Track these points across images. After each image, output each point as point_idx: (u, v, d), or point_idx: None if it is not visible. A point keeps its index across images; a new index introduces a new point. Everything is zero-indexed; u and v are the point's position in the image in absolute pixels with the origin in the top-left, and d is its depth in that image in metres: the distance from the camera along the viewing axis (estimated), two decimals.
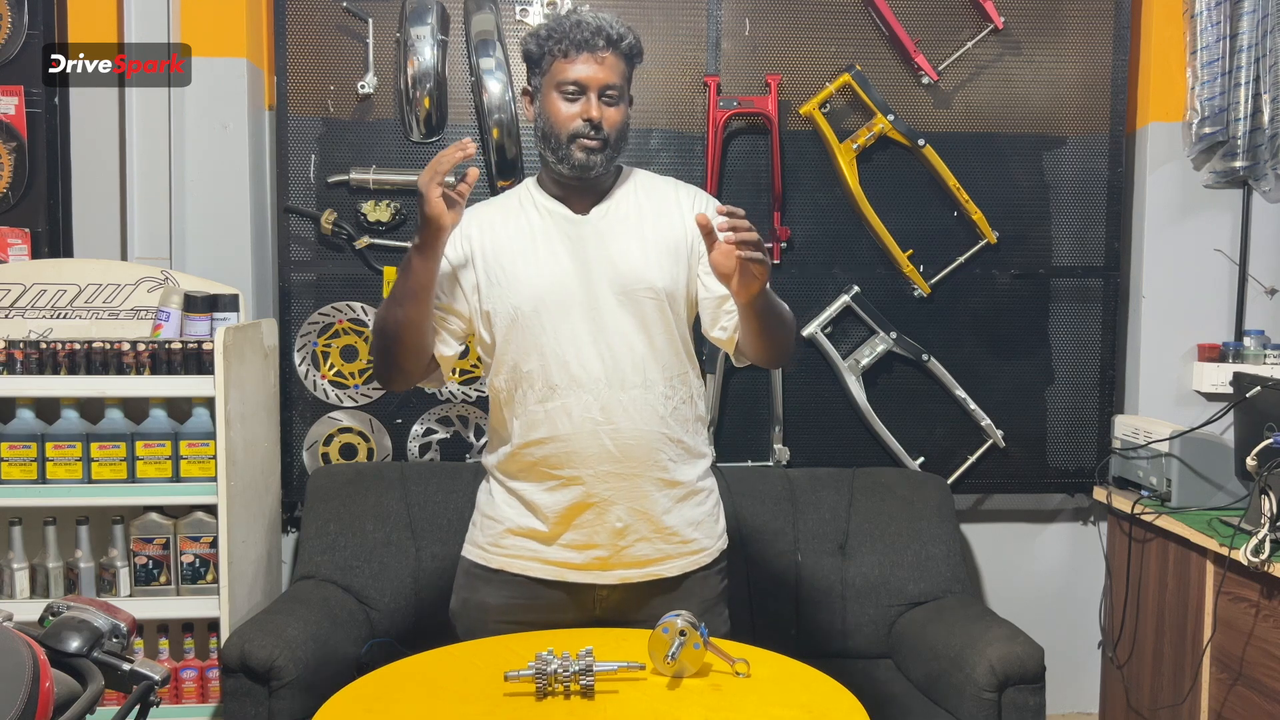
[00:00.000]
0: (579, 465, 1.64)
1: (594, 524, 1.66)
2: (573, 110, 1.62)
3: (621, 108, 1.66)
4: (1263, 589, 2.08)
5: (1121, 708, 2.66)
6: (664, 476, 1.67)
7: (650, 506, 1.66)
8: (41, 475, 2.31)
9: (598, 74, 1.61)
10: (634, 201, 1.71)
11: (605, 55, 1.62)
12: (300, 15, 2.61)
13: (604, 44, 1.61)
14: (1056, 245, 2.77)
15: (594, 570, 1.68)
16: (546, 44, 1.63)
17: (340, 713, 1.35)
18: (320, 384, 2.65)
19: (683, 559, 1.71)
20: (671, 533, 1.69)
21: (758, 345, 1.63)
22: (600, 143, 1.63)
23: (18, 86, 2.48)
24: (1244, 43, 2.63)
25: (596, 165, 1.64)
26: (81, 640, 0.97)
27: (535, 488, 1.67)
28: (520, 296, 1.64)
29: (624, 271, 1.65)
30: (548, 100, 1.65)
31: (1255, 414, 2.30)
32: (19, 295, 2.42)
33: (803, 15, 2.68)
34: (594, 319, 1.64)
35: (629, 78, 1.68)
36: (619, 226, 1.68)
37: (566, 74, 1.62)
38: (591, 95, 1.62)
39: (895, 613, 2.50)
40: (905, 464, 2.74)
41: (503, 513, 1.71)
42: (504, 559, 1.70)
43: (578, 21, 1.62)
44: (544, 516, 1.67)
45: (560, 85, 1.63)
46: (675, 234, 1.69)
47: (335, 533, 2.47)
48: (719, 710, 1.35)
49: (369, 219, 2.62)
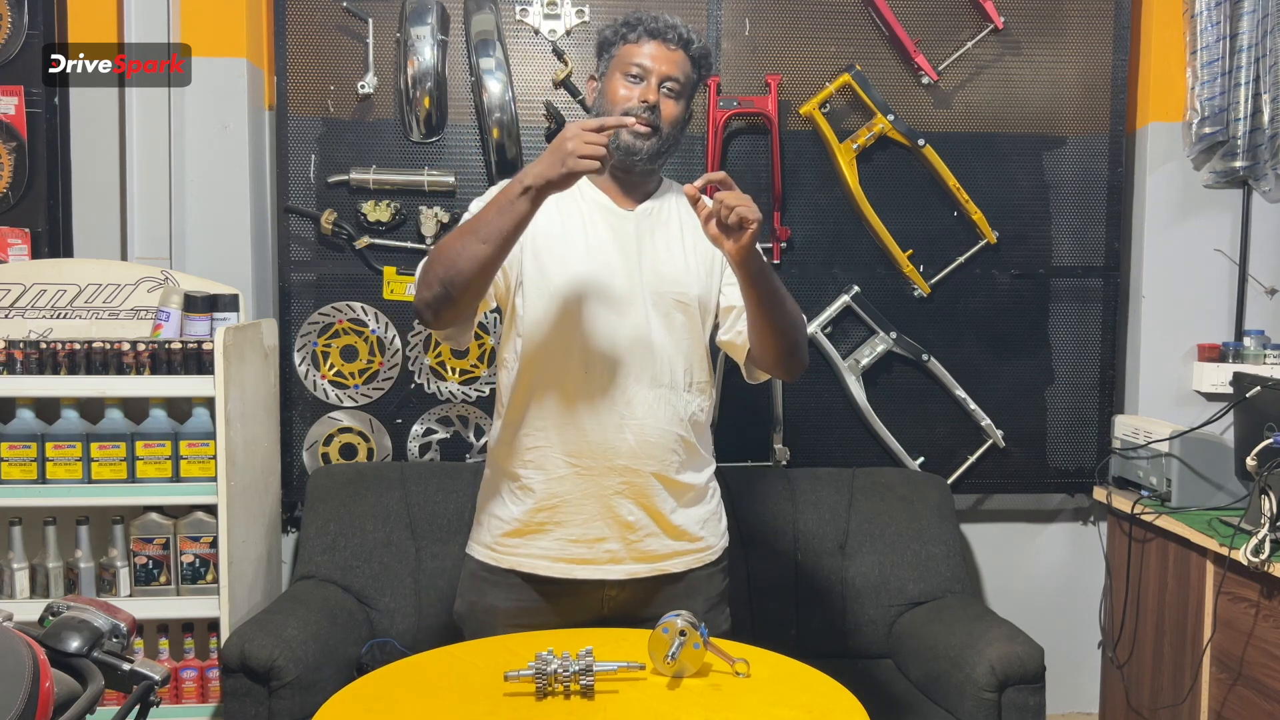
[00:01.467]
0: (596, 456, 1.64)
1: (605, 517, 1.66)
2: (632, 93, 1.64)
3: (681, 104, 1.67)
4: (1263, 589, 2.08)
5: (1121, 708, 2.66)
6: (676, 477, 1.68)
7: (661, 504, 1.67)
8: (41, 475, 2.31)
9: (663, 63, 1.64)
10: (676, 209, 1.73)
11: (676, 50, 1.65)
12: (300, 15, 2.61)
13: (675, 39, 1.64)
14: (1056, 245, 2.77)
15: (605, 565, 1.67)
16: (622, 29, 1.67)
17: (340, 713, 1.35)
18: (320, 384, 2.65)
19: (689, 556, 1.72)
20: (680, 530, 1.70)
21: (764, 336, 1.60)
22: (650, 129, 1.63)
23: (18, 86, 2.48)
24: (1244, 43, 2.63)
25: (642, 151, 1.64)
26: (81, 640, 0.97)
27: (546, 476, 1.66)
28: (563, 279, 1.64)
29: (664, 274, 1.66)
30: (610, 81, 1.67)
31: (1255, 414, 2.30)
32: (19, 295, 2.42)
33: (803, 15, 2.68)
34: (631, 313, 1.65)
35: (694, 84, 1.70)
36: (661, 230, 1.69)
37: (633, 56, 1.64)
38: (652, 80, 1.64)
39: (895, 613, 2.50)
40: (905, 464, 2.74)
41: (508, 510, 1.70)
42: (514, 558, 1.69)
43: (656, 15, 1.66)
44: (553, 507, 1.66)
45: (625, 67, 1.65)
46: (709, 249, 1.69)
47: (335, 533, 2.47)
48: (719, 710, 1.35)
49: (369, 219, 2.62)
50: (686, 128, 1.73)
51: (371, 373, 2.66)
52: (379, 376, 2.66)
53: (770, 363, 1.66)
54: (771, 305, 1.58)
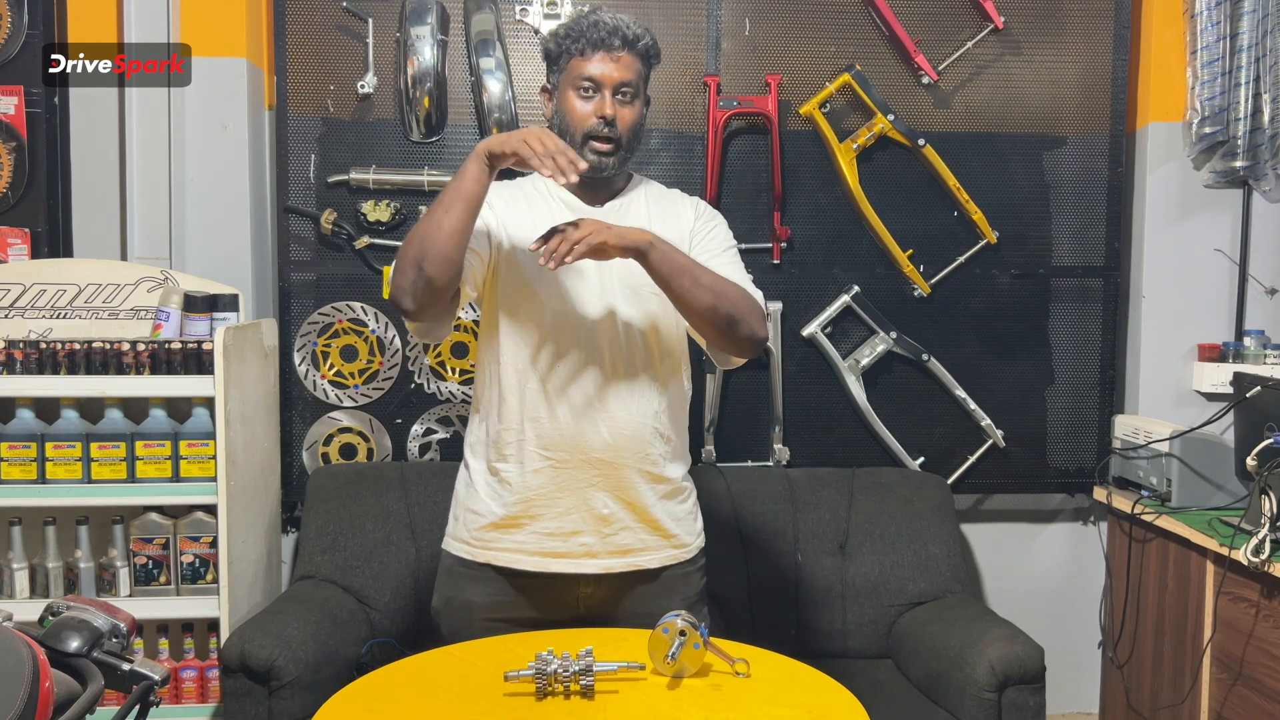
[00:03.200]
0: (571, 449, 1.66)
1: (580, 510, 1.67)
2: (587, 108, 1.66)
3: (636, 106, 1.69)
4: (1263, 589, 2.08)
5: (1121, 708, 2.66)
6: (651, 470, 1.70)
7: (636, 498, 1.69)
8: (41, 475, 2.31)
9: (612, 72, 1.65)
10: (644, 205, 1.76)
11: (621, 54, 1.66)
12: (300, 15, 2.61)
13: (620, 43, 1.65)
14: (1056, 245, 2.77)
15: (580, 559, 1.69)
16: (564, 42, 1.68)
17: (340, 713, 1.35)
18: (320, 384, 2.65)
19: (663, 551, 1.73)
20: (655, 523, 1.71)
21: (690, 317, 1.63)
22: (613, 144, 1.67)
23: (18, 86, 2.48)
24: (1244, 43, 2.63)
25: (608, 166, 1.69)
26: (81, 640, 0.97)
27: (522, 470, 1.68)
28: (534, 276, 1.66)
29: (634, 268, 1.66)
30: (564, 97, 1.69)
31: (1255, 414, 2.30)
32: (19, 295, 2.42)
33: (803, 15, 2.68)
34: (604, 309, 1.67)
35: (646, 78, 1.72)
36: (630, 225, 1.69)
37: (582, 71, 1.66)
38: (606, 92, 1.66)
39: (895, 613, 2.50)
40: (905, 464, 2.74)
41: (485, 505, 1.71)
42: (489, 553, 1.71)
43: (595, 21, 1.66)
44: (529, 500, 1.67)
45: (576, 82, 1.66)
46: (676, 238, 1.71)
47: (335, 533, 2.47)
48: (719, 710, 1.35)
49: (369, 219, 2.62)
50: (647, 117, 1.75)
51: (371, 373, 2.66)
52: (379, 376, 2.66)
53: (713, 342, 1.68)
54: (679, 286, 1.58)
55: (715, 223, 1.79)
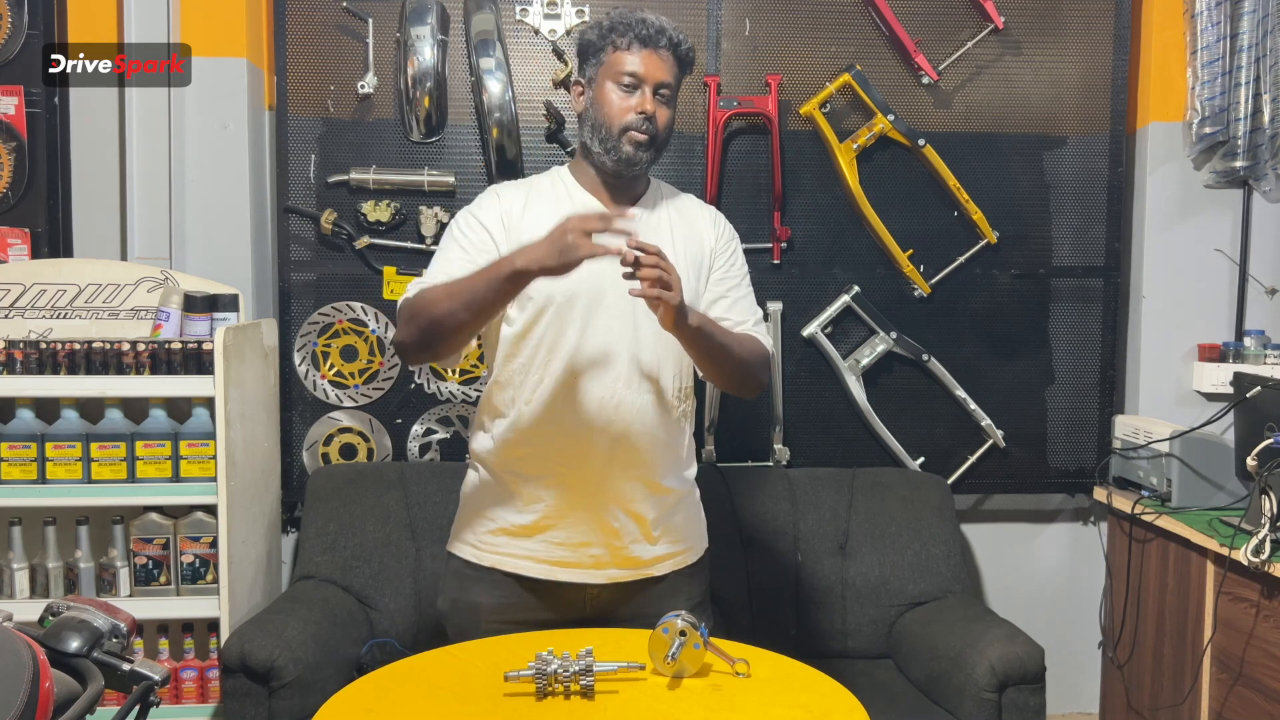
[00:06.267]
0: (582, 460, 1.64)
1: (592, 522, 1.66)
2: (628, 103, 1.64)
3: (670, 110, 1.68)
4: (1263, 589, 2.08)
5: (1122, 708, 2.66)
6: (662, 482, 1.69)
7: (647, 510, 1.68)
8: (41, 475, 2.31)
9: (656, 70, 1.64)
10: (665, 212, 1.74)
11: (665, 54, 1.65)
12: (300, 15, 2.61)
13: (666, 44, 1.64)
14: (1056, 245, 2.77)
15: (589, 569, 1.68)
16: (609, 35, 1.65)
17: (340, 713, 1.35)
18: (320, 384, 2.65)
19: (672, 559, 1.73)
20: (663, 535, 1.71)
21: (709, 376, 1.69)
22: (649, 138, 1.64)
23: (18, 86, 2.48)
24: (1244, 43, 2.63)
25: (642, 161, 1.66)
26: (81, 640, 0.97)
27: (532, 480, 1.67)
28: (553, 284, 1.61)
29: None
30: (601, 91, 1.66)
31: (1255, 414, 2.30)
32: (19, 295, 2.42)
33: (803, 15, 2.68)
34: (623, 318, 1.65)
35: (679, 85, 1.70)
36: (652, 234, 1.68)
37: (625, 65, 1.64)
38: (647, 89, 1.64)
39: (895, 613, 2.50)
40: (905, 464, 2.74)
41: (494, 511, 1.70)
42: (496, 557, 1.70)
43: (643, 18, 1.64)
44: (538, 510, 1.67)
45: (617, 76, 1.64)
46: (698, 251, 1.71)
47: (335, 533, 2.47)
48: (719, 710, 1.35)
49: (369, 219, 2.62)
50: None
51: (371, 373, 2.66)
52: (379, 376, 2.66)
53: (717, 387, 1.72)
54: (713, 360, 1.63)
55: (734, 244, 1.78)
